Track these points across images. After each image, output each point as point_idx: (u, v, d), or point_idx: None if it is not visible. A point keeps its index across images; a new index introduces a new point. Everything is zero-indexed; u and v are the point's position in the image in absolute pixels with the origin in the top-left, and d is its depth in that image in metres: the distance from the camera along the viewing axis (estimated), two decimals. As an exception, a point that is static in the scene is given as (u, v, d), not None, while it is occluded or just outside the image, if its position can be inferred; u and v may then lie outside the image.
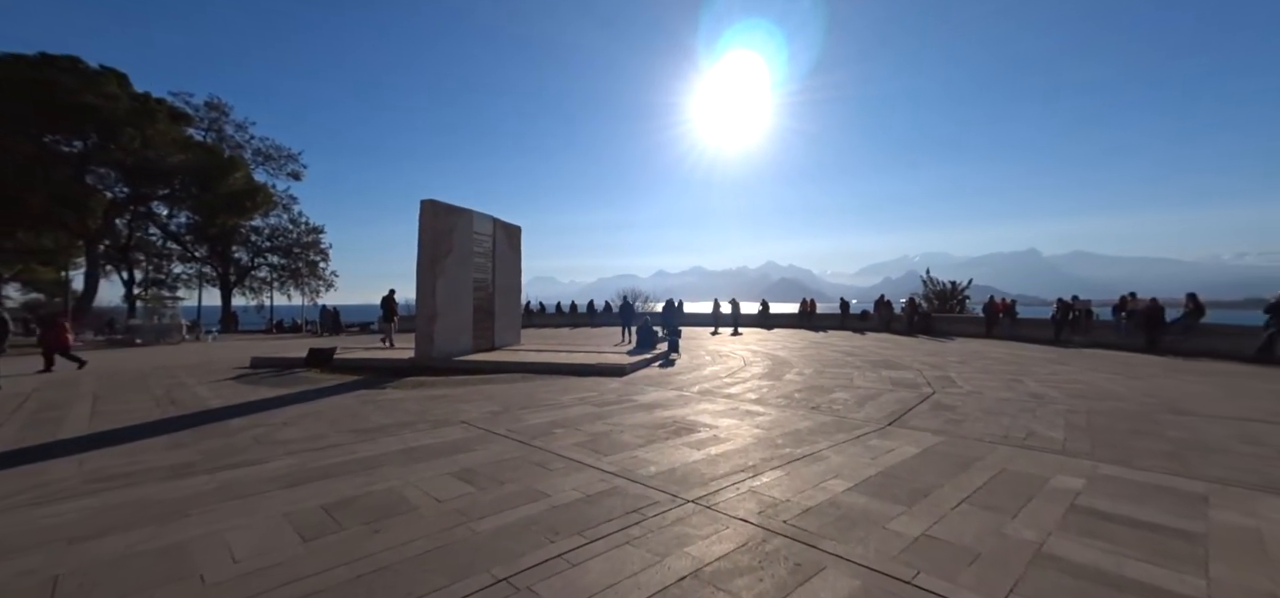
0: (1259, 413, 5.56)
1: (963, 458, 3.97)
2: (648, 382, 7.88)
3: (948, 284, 21.92)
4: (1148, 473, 3.66)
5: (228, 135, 29.31)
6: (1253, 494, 3.29)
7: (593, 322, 26.98)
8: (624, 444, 4.33)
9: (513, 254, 13.36)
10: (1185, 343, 11.00)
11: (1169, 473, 3.66)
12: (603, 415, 5.44)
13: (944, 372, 8.62)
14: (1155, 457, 4.03)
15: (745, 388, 7.23)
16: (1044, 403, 5.97)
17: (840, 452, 4.15)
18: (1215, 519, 2.91)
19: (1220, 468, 3.77)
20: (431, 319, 10.29)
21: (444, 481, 3.47)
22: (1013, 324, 15.55)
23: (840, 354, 11.44)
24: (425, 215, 10.42)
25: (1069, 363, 9.61)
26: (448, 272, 10.67)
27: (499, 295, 12.62)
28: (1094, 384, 7.29)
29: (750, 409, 5.79)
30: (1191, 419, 5.24)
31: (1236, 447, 4.32)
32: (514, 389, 7.19)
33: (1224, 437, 4.59)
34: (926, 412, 5.58)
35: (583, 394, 6.76)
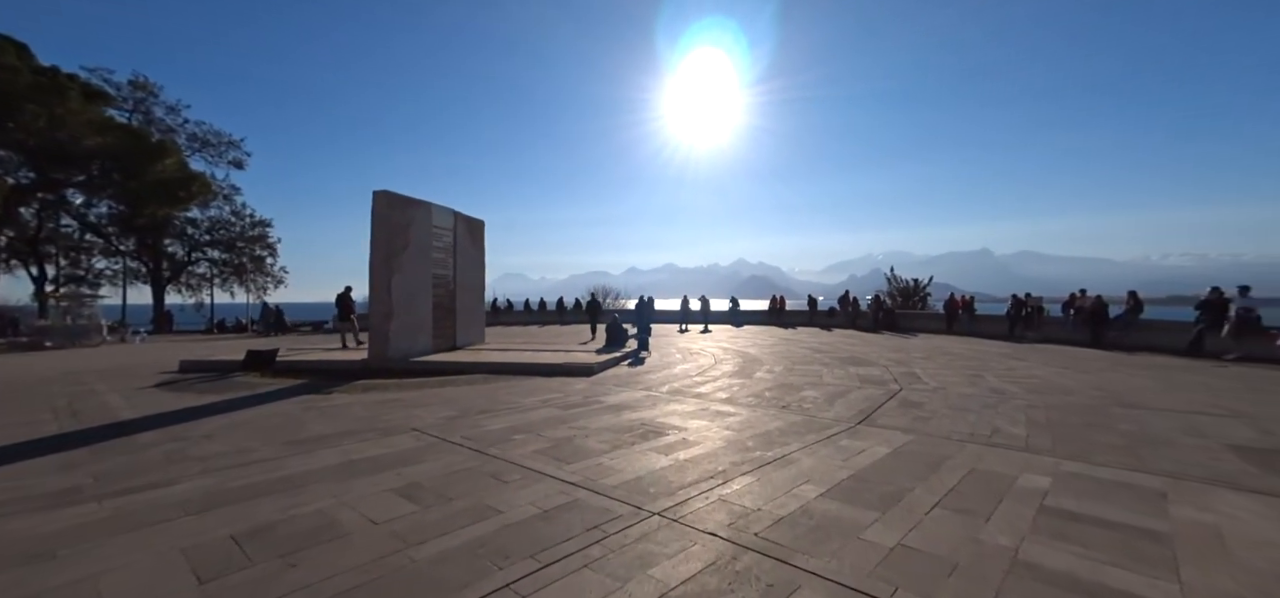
0: (1196, 405, 5.85)
1: (933, 458, 3.92)
2: (616, 382, 7.62)
3: (910, 282, 22.67)
4: (1107, 469, 3.70)
5: (157, 118, 26.66)
6: (1205, 488, 3.35)
7: (562, 319, 26.47)
8: (588, 451, 4.06)
9: (476, 249, 12.80)
10: (1126, 338, 11.70)
11: (1126, 468, 3.71)
12: (567, 419, 5.15)
13: (909, 368, 8.76)
14: (1112, 451, 4.11)
15: (715, 387, 7.09)
16: (1005, 399, 6.10)
17: (811, 454, 4.02)
18: (1176, 517, 2.92)
19: (1171, 462, 3.86)
20: (387, 317, 9.68)
21: (384, 499, 3.10)
22: (971, 320, 16.19)
23: (809, 351, 11.53)
24: (379, 207, 9.76)
25: (1024, 358, 10.00)
26: (404, 267, 10.06)
27: (461, 292, 12.05)
28: (1047, 379, 7.55)
29: (720, 410, 5.63)
30: (1139, 413, 5.44)
31: (1182, 439, 4.47)
32: (474, 392, 6.77)
33: (1170, 430, 4.76)
34: (895, 409, 5.57)
35: (547, 396, 6.44)
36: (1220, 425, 4.92)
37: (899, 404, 5.82)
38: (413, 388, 7.01)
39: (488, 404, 5.89)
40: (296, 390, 6.92)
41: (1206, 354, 9.95)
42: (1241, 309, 9.61)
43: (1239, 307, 9.69)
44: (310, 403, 6.01)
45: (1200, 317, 10.27)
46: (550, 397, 6.36)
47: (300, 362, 9.69)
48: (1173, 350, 10.60)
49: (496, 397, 6.37)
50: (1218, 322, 9.91)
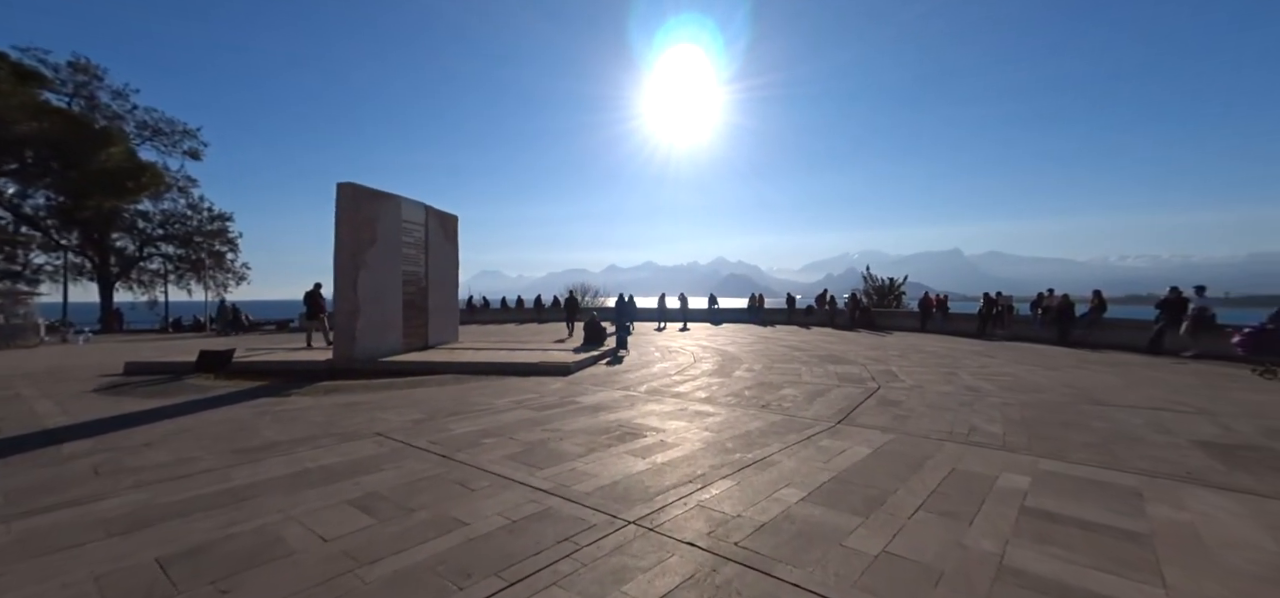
0: (1160, 402, 6.02)
1: (913, 458, 3.87)
2: (593, 381, 7.43)
3: (886, 281, 23.13)
4: (1083, 467, 3.71)
5: (102, 104, 24.74)
6: (1177, 486, 3.38)
7: (540, 317, 26.05)
8: (562, 455, 3.87)
9: (449, 245, 12.39)
10: (1091, 336, 12.13)
11: (1101, 466, 3.74)
12: (541, 421, 4.94)
13: (886, 366, 8.84)
14: (1086, 449, 4.14)
15: (694, 386, 6.97)
16: (980, 397, 6.16)
17: (792, 455, 3.92)
18: (1153, 516, 2.91)
19: (1143, 459, 3.91)
20: (352, 315, 9.25)
21: (338, 512, 2.85)
22: (945, 318, 16.57)
23: (788, 349, 11.56)
24: (344, 201, 9.31)
25: (995, 356, 10.23)
26: (371, 263, 9.63)
27: (433, 289, 11.65)
28: (1019, 377, 7.70)
29: (700, 410, 5.51)
30: (1108, 409, 5.55)
31: (1151, 436, 4.56)
32: (444, 393, 6.48)
33: (1139, 427, 4.85)
34: (874, 408, 5.55)
35: (521, 397, 6.20)
36: (1185, 422, 5.05)
37: (878, 403, 5.81)
38: (379, 389, 6.67)
39: (458, 406, 5.62)
40: (252, 394, 6.50)
41: (1166, 351, 10.36)
42: (1198, 308, 10.03)
43: (1196, 306, 10.10)
44: (265, 407, 5.63)
45: (1160, 315, 10.70)
46: (525, 398, 6.13)
47: (259, 362, 9.18)
48: (1134, 348, 11.02)
49: (467, 398, 6.10)
50: (1176, 320, 10.33)
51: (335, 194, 9.35)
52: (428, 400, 5.97)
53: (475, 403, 5.81)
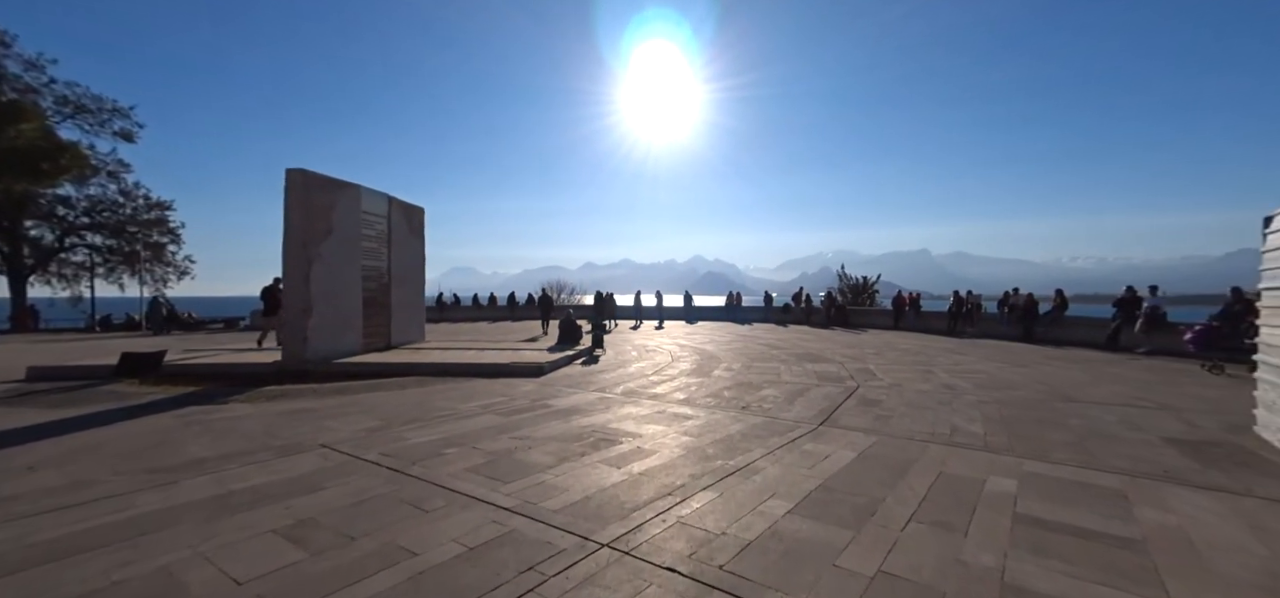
0: (1126, 398, 6.15)
1: (899, 461, 3.72)
2: (568, 383, 7.09)
3: (860, 279, 23.58)
4: (1065, 468, 3.65)
5: (10, 74, 21.26)
6: (1158, 486, 3.34)
7: (513, 315, 25.38)
8: (530, 466, 3.53)
9: (414, 239, 11.76)
10: (1053, 333, 12.60)
11: (1082, 466, 3.69)
12: (510, 427, 4.58)
13: (863, 363, 8.84)
14: (1066, 448, 4.10)
15: (673, 387, 6.73)
16: (958, 395, 6.15)
17: (776, 461, 3.71)
18: (1143, 520, 2.83)
19: (1120, 458, 3.89)
20: (304, 313, 8.58)
21: (261, 544, 2.43)
22: (917, 316, 16.95)
23: (765, 347, 11.49)
24: (294, 187, 8.61)
25: (967, 353, 10.43)
26: (326, 256, 8.97)
27: (397, 285, 11.02)
28: (992, 374, 7.81)
29: (678, 412, 5.26)
30: (1080, 407, 5.61)
31: (1124, 433, 4.58)
32: (404, 397, 6.01)
33: (1111, 424, 4.88)
34: (855, 408, 5.44)
35: (490, 400, 5.81)
36: (1151, 418, 5.14)
37: (858, 403, 5.71)
38: (331, 394, 6.12)
39: (418, 413, 5.18)
40: (182, 401, 5.83)
41: (1122, 348, 10.83)
42: (1151, 307, 10.53)
43: (1149, 305, 10.62)
44: (194, 417, 5.02)
45: (1117, 314, 11.17)
46: (493, 402, 5.74)
47: (197, 365, 8.38)
48: (1093, 344, 11.48)
49: (430, 403, 5.66)
50: (1131, 318, 10.80)
51: (285, 181, 8.65)
52: (385, 406, 5.50)
53: (438, 408, 5.39)
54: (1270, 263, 4.59)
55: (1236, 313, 8.57)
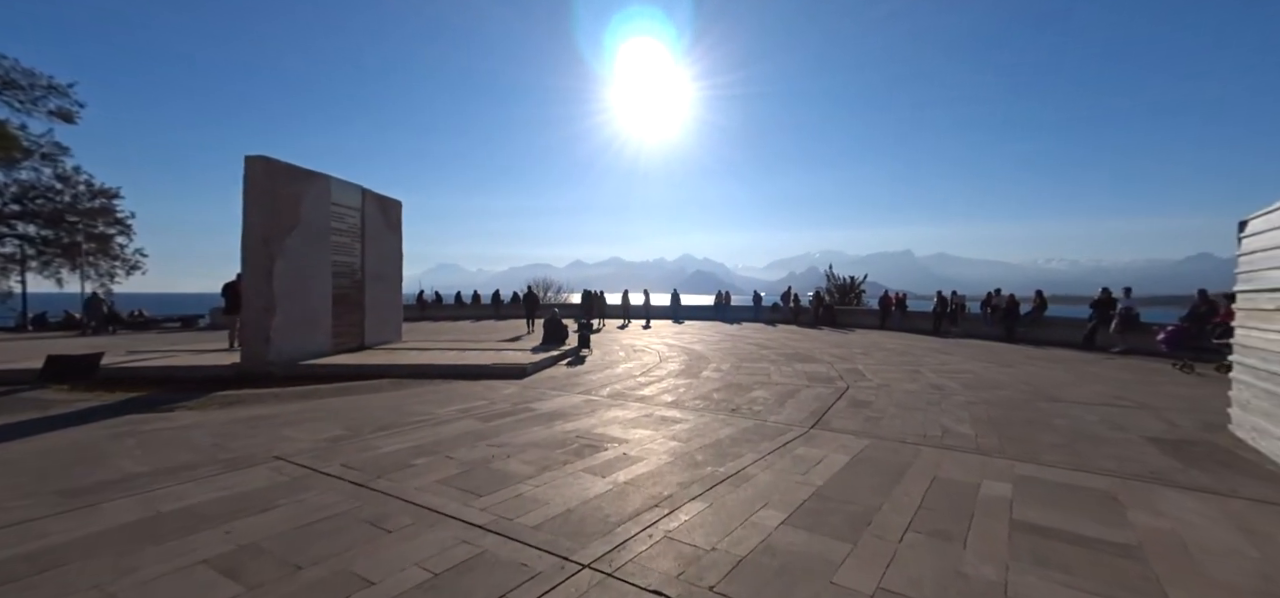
0: (1107, 397, 6.22)
1: (893, 465, 3.63)
2: (552, 384, 6.88)
3: (847, 279, 23.80)
4: (1056, 470, 3.61)
5: None
6: (1147, 488, 3.31)
7: (498, 314, 24.91)
8: (508, 477, 3.33)
9: (391, 234, 11.37)
10: (1034, 333, 12.86)
11: (1073, 469, 3.65)
12: (488, 434, 4.36)
13: (852, 364, 8.82)
14: (1054, 450, 4.08)
15: (661, 389, 6.57)
16: (946, 395, 6.13)
17: (768, 467, 3.58)
18: (1137, 525, 2.78)
19: (1108, 459, 3.88)
20: (267, 311, 8.15)
21: (188, 579, 2.13)
22: (903, 316, 17.14)
23: (755, 347, 11.43)
24: (254, 178, 8.15)
25: (952, 353, 10.52)
26: (292, 251, 8.53)
27: (372, 283, 10.62)
28: (977, 373, 7.85)
29: (666, 416, 5.10)
30: (1064, 407, 5.63)
31: (1108, 433, 4.59)
32: (376, 402, 5.73)
33: (1095, 424, 4.90)
34: (845, 410, 5.36)
35: (469, 404, 5.57)
36: (1132, 417, 5.18)
37: (849, 404, 5.63)
38: (295, 399, 5.79)
39: (391, 418, 4.92)
40: (118, 409, 5.33)
41: (1097, 347, 11.09)
42: (1125, 308, 10.80)
43: (1123, 306, 10.90)
44: (130, 426, 4.56)
45: (1093, 314, 11.43)
46: (472, 405, 5.50)
47: (143, 368, 7.79)
48: (1070, 344, 11.74)
49: (404, 407, 5.39)
50: (1106, 319, 11.06)
51: (243, 169, 8.17)
52: (354, 411, 5.21)
53: (412, 413, 5.12)
54: (1245, 266, 4.65)
55: (1202, 314, 8.84)
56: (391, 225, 11.37)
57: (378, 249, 10.84)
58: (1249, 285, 4.57)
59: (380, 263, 10.93)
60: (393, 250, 11.46)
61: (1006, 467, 3.66)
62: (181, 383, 7.01)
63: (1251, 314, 4.52)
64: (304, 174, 8.89)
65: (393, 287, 11.51)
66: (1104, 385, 7.01)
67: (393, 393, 6.20)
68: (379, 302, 10.88)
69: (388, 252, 11.26)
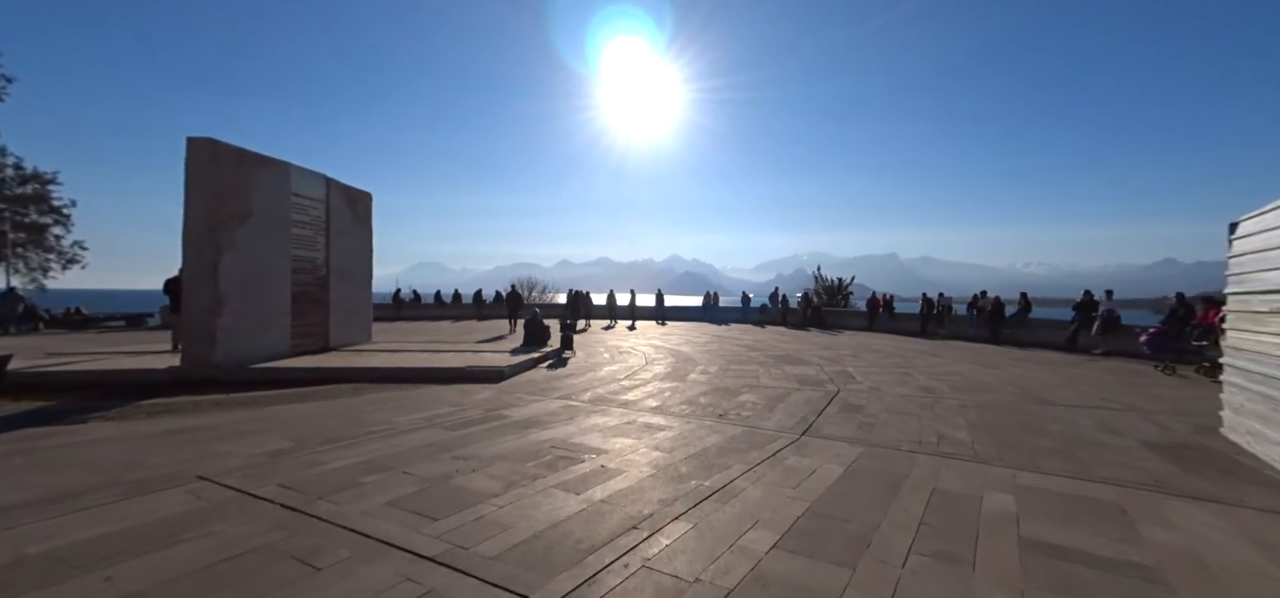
0: (1096, 400, 6.12)
1: (890, 477, 3.39)
2: (530, 389, 6.51)
3: (835, 281, 23.84)
4: (1058, 479, 3.42)
5: None
6: (1153, 498, 3.14)
7: (479, 314, 24.29)
8: (471, 495, 2.98)
9: (359, 228, 10.83)
10: (1018, 334, 12.94)
11: (1074, 477, 3.47)
12: (454, 445, 3.99)
13: (842, 366, 8.64)
14: (1054, 457, 3.90)
15: (645, 393, 6.27)
16: (938, 399, 5.96)
17: (757, 480, 3.31)
18: (1151, 541, 2.58)
19: (1108, 466, 3.72)
20: (212, 310, 7.53)
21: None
22: (891, 318, 17.16)
23: (743, 349, 11.21)
24: (199, 162, 7.51)
25: (940, 355, 10.46)
26: (244, 244, 7.93)
27: (338, 280, 10.07)
28: (966, 375, 7.74)
29: (650, 422, 4.80)
30: (1055, 410, 5.51)
31: (1104, 438, 4.45)
32: (332, 409, 5.29)
33: (1089, 429, 4.76)
34: (837, 415, 5.13)
35: (436, 411, 5.18)
36: (1126, 421, 5.07)
37: (840, 409, 5.41)
38: (239, 407, 5.29)
39: (345, 427, 4.50)
40: (17, 422, 4.67)
41: (1079, 349, 11.18)
42: (1106, 310, 10.91)
43: (1105, 309, 11.01)
44: (24, 444, 3.91)
45: (1075, 316, 11.52)
46: (440, 413, 5.11)
47: (62, 373, 7.05)
48: (1052, 345, 11.82)
49: (362, 416, 4.97)
50: (1088, 321, 11.14)
51: (186, 152, 7.54)
52: (303, 421, 4.77)
53: (371, 422, 4.71)
54: (1235, 268, 4.56)
55: (1181, 317, 8.92)
56: (360, 219, 10.83)
57: (344, 244, 10.30)
58: (1240, 287, 4.48)
59: (347, 258, 10.38)
60: (361, 246, 10.92)
61: (1007, 476, 3.45)
62: (108, 389, 6.35)
63: (1243, 316, 4.43)
64: (257, 160, 8.30)
65: (361, 284, 10.96)
66: (1090, 388, 6.95)
67: (352, 400, 5.76)
68: (345, 300, 10.33)
69: (356, 247, 10.72)
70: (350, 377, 7.10)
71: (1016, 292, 13.29)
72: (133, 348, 9.90)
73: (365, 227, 10.96)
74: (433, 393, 6.20)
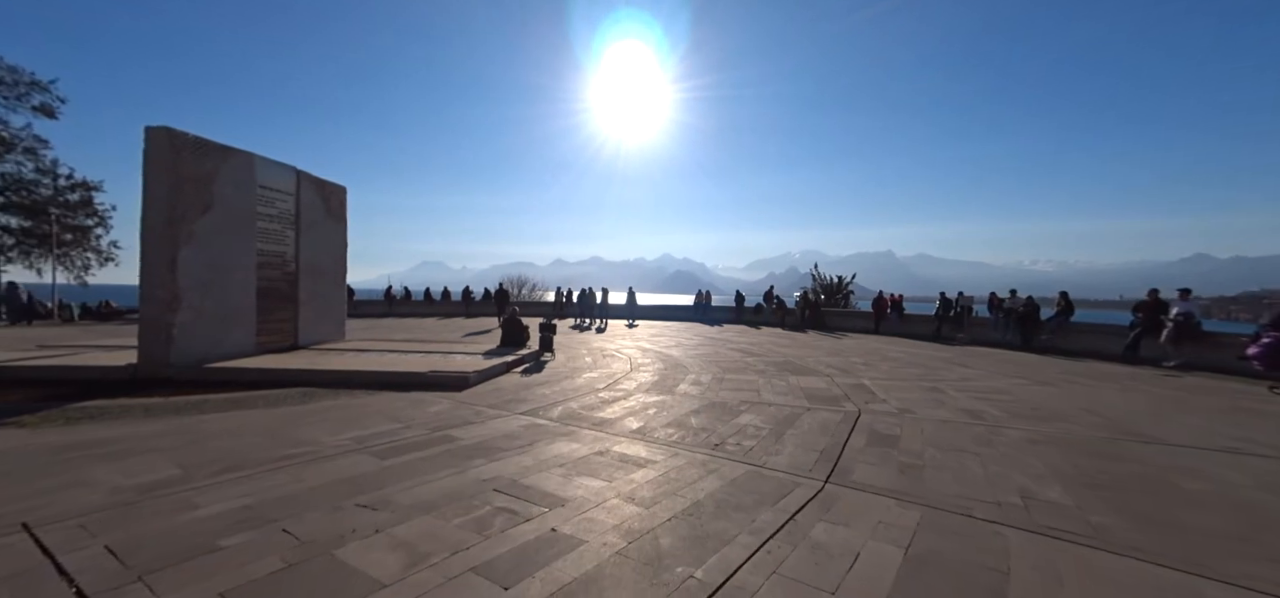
0: (1223, 438, 4.62)
1: (981, 574, 2.22)
2: (493, 400, 5.47)
3: (834, 279, 22.55)
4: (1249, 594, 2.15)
5: None
6: None
7: (468, 311, 23.37)
8: (349, 582, 1.93)
9: (332, 222, 9.88)
10: (1059, 341, 11.41)
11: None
12: (371, 484, 2.96)
13: (855, 377, 7.48)
14: (1231, 547, 2.56)
15: (625, 409, 5.19)
16: (994, 430, 4.71)
17: (774, 570, 2.19)
18: None
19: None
20: (169, 306, 6.81)
21: None
22: (900, 320, 15.84)
23: (740, 354, 10.08)
24: (156, 151, 6.89)
25: (970, 365, 9.14)
26: (204, 237, 7.22)
27: (308, 276, 9.14)
28: (1016, 395, 6.40)
29: (628, 453, 3.73)
30: (1173, 452, 4.15)
31: (1274, 503, 3.16)
32: (259, 422, 4.29)
33: (1254, 491, 3.37)
34: (867, 451, 3.98)
35: (374, 429, 4.17)
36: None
37: (868, 440, 4.25)
38: (167, 414, 4.49)
39: (258, 449, 3.49)
40: None
41: (1143, 360, 9.51)
42: (1182, 313, 9.06)
43: (1180, 311, 9.13)
44: None
45: (1136, 320, 9.86)
46: (378, 431, 4.09)
47: (14, 367, 6.58)
48: (1107, 355, 10.20)
49: (288, 433, 3.96)
50: (1155, 325, 9.44)
51: (144, 141, 6.84)
52: (219, 437, 3.78)
53: (294, 441, 3.70)
54: None
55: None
56: (333, 213, 9.86)
57: (316, 238, 9.35)
58: None
59: (319, 253, 9.42)
60: (334, 240, 9.95)
61: (1180, 587, 2.20)
62: (57, 386, 5.93)
63: None
64: (218, 150, 7.44)
65: (334, 280, 10.00)
66: (1196, 417, 5.46)
67: (292, 409, 4.77)
68: (316, 296, 9.38)
69: (328, 241, 9.75)
70: (305, 379, 6.24)
71: (1065, 291, 11.68)
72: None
73: (338, 220, 10.02)
74: (381, 403, 5.18)
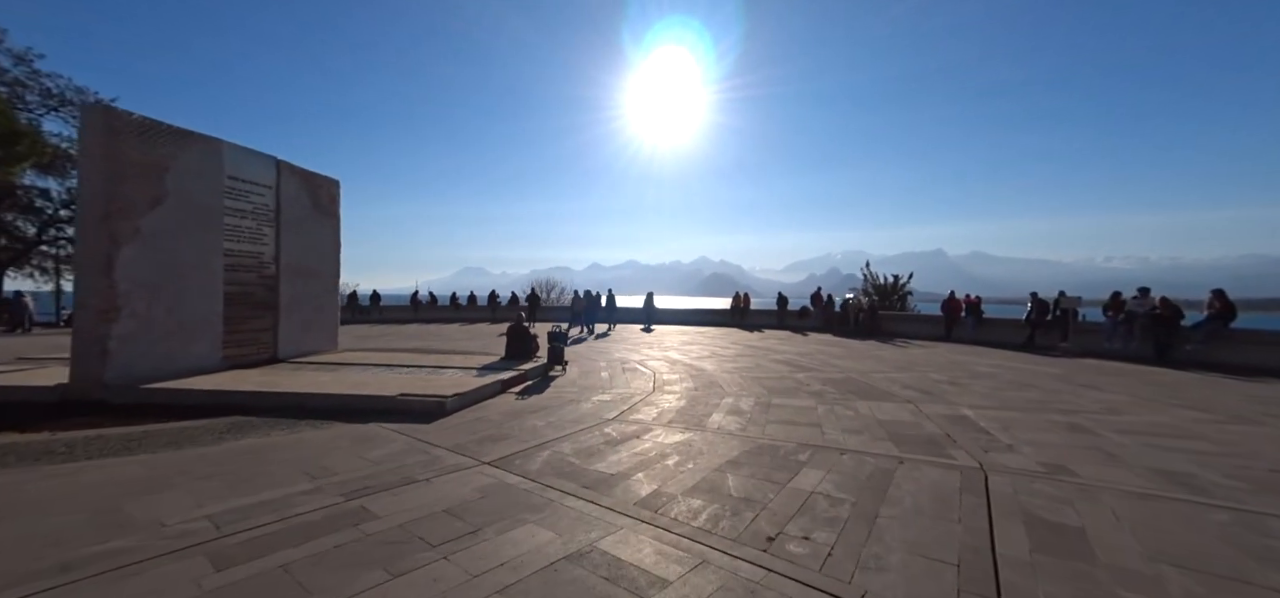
0: None
1: None
2: (465, 436, 4.17)
3: (888, 279, 20.06)
4: None
5: None
6: None
7: (494, 316, 22.58)
8: None
9: (322, 219, 8.97)
10: (1209, 353, 8.87)
11: None
12: None
13: (947, 403, 5.66)
14: None
15: (636, 457, 3.73)
16: (1243, 519, 2.90)
17: None
18: None
19: None
20: (105, 315, 5.91)
21: None
22: (977, 325, 13.43)
23: (787, 367, 8.37)
24: (92, 134, 6.07)
25: (1100, 386, 6.90)
26: (153, 235, 6.33)
27: (290, 279, 8.23)
28: (1225, 441, 4.35)
29: (622, 558, 2.27)
30: None
31: None
32: (93, 484, 3.12)
33: None
34: (1036, 558, 2.33)
35: (265, 494, 2.93)
36: None
37: (1028, 532, 2.58)
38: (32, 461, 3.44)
39: (33, 549, 2.30)
40: None
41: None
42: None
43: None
44: None
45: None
46: (263, 500, 2.85)
47: None
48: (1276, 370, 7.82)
49: (119, 506, 2.77)
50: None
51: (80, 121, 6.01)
52: (41, 506, 2.63)
53: (117, 526, 2.52)
54: None
55: None
56: (323, 209, 8.96)
57: (301, 237, 8.45)
58: None
59: (304, 254, 8.52)
60: (325, 239, 9.05)
61: None
62: None
63: None
64: (174, 134, 6.56)
65: (325, 284, 9.10)
66: None
67: (166, 457, 3.58)
68: (302, 303, 8.48)
69: (317, 241, 8.86)
70: (251, 406, 5.16)
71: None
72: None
73: (329, 217, 9.10)
74: (316, 443, 3.98)
